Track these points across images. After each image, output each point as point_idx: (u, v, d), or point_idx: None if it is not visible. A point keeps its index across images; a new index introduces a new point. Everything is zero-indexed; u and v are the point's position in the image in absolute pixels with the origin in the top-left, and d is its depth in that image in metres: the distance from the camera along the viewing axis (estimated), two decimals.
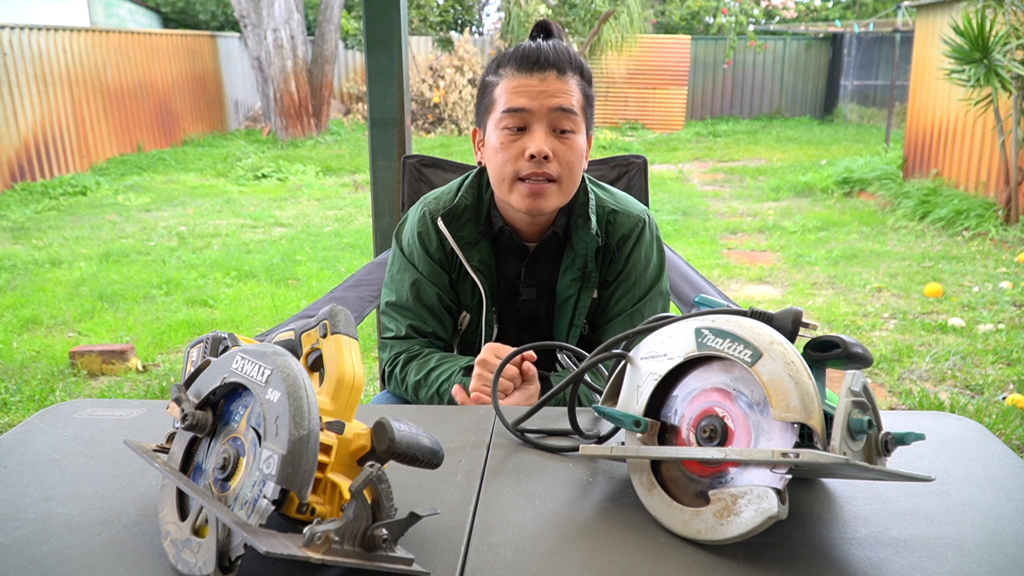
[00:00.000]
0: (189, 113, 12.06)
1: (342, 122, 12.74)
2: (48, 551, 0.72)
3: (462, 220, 1.33)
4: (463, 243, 1.33)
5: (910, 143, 7.66)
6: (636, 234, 1.34)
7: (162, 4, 16.11)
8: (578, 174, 1.27)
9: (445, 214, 1.32)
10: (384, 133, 2.11)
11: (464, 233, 1.33)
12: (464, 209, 1.33)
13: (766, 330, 0.75)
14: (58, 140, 8.69)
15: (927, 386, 3.24)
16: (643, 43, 12.96)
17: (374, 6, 2.03)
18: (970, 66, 5.49)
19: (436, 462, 0.72)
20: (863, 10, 16.15)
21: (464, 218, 1.33)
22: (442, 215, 1.32)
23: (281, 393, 0.65)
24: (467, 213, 1.33)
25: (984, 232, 5.73)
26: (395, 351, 1.36)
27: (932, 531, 0.75)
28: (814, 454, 0.66)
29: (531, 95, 1.22)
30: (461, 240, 1.33)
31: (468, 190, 1.34)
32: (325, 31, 11.39)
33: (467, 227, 1.33)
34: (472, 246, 1.33)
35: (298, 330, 0.79)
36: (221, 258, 5.42)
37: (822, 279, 4.91)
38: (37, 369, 3.49)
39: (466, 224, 1.33)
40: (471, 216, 1.34)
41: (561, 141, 1.23)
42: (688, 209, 7.14)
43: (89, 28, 9.97)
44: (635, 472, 0.80)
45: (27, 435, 0.99)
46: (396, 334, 1.37)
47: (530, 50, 1.24)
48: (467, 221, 1.33)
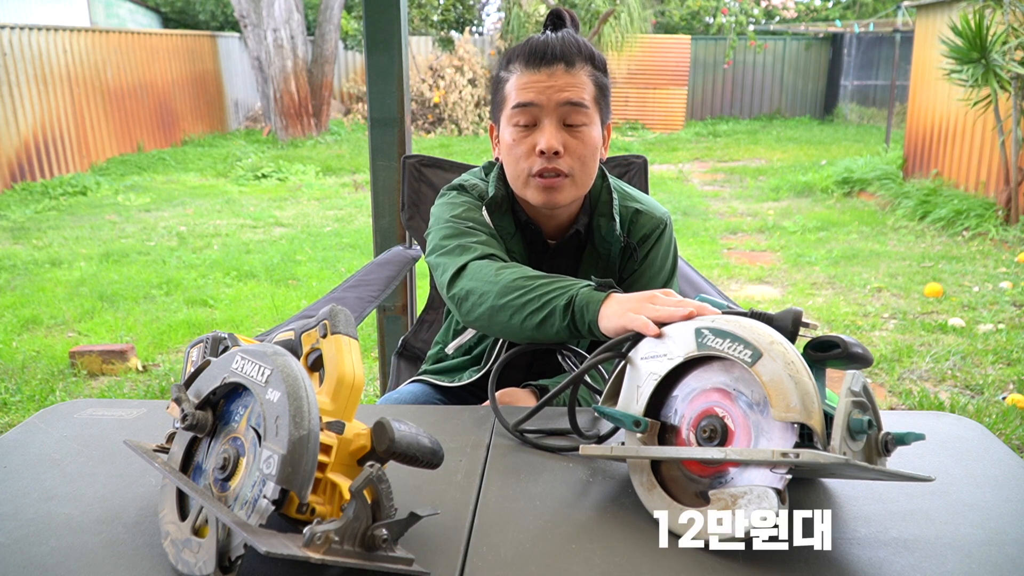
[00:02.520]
0: (189, 113, 12.06)
1: (342, 122, 12.74)
2: (48, 551, 0.72)
3: (501, 210, 1.32)
4: (504, 233, 1.31)
5: (910, 143, 7.66)
6: (657, 235, 1.34)
7: (162, 4, 16.11)
8: (592, 167, 1.27)
9: (488, 204, 1.31)
10: (384, 133, 2.11)
11: (503, 223, 1.31)
12: (501, 199, 1.32)
13: (766, 330, 0.75)
14: (58, 140, 8.69)
15: (927, 386, 3.24)
16: (643, 43, 12.96)
17: (374, 6, 2.03)
18: (969, 66, 5.49)
19: (436, 462, 0.72)
20: (863, 10, 16.15)
21: (503, 208, 1.32)
22: (486, 205, 1.31)
23: (281, 393, 0.65)
24: (504, 204, 1.32)
25: (984, 232, 5.73)
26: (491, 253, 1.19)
27: (932, 531, 0.75)
28: (814, 454, 0.66)
29: (539, 90, 1.21)
30: (501, 230, 1.31)
31: (498, 182, 1.33)
32: (325, 31, 11.39)
33: (505, 218, 1.32)
34: (511, 237, 1.32)
35: (298, 330, 0.79)
36: (221, 258, 5.42)
37: (822, 279, 4.91)
38: (37, 369, 3.49)
39: (504, 215, 1.32)
40: (507, 208, 1.33)
41: (572, 135, 1.23)
42: (688, 209, 7.14)
43: (89, 28, 9.97)
44: (635, 472, 0.80)
45: (27, 435, 0.99)
46: (474, 255, 1.17)
47: (537, 44, 1.23)
48: (505, 212, 1.32)
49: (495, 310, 1.09)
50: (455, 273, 1.17)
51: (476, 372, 1.40)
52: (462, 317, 1.16)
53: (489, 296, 1.10)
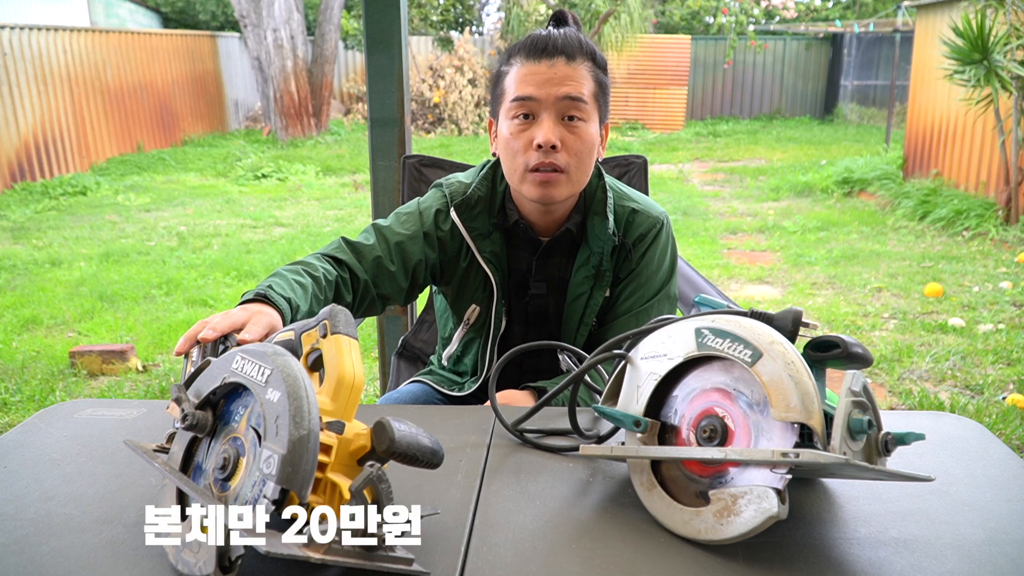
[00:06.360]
0: (189, 113, 12.06)
1: (342, 122, 12.74)
2: (48, 551, 0.72)
3: (475, 211, 1.32)
4: (475, 234, 1.32)
5: (910, 143, 7.66)
6: (653, 234, 1.34)
7: (162, 4, 16.11)
8: (588, 164, 1.27)
9: (458, 204, 1.32)
10: (384, 133, 2.11)
11: (476, 224, 1.32)
12: (477, 200, 1.33)
13: (766, 330, 0.75)
14: (58, 140, 8.69)
15: (927, 386, 3.24)
16: (643, 43, 12.97)
17: (374, 6, 2.03)
18: (970, 66, 5.49)
19: (436, 462, 0.72)
20: (863, 10, 16.15)
21: (477, 209, 1.33)
22: (455, 205, 1.32)
23: (281, 393, 0.65)
24: (480, 204, 1.33)
25: (984, 232, 5.73)
26: (339, 252, 1.29)
27: (932, 531, 0.75)
28: (814, 454, 0.66)
29: (539, 83, 1.21)
30: (473, 231, 1.32)
31: (482, 181, 1.34)
32: (325, 31, 11.40)
33: (480, 218, 1.33)
34: (484, 237, 1.32)
35: (298, 330, 0.79)
36: (221, 258, 5.42)
37: (822, 279, 4.91)
38: (37, 369, 3.49)
39: (479, 215, 1.33)
40: (484, 207, 1.33)
41: (570, 130, 1.22)
42: (688, 209, 7.14)
43: (89, 28, 9.96)
44: (635, 472, 0.80)
45: (27, 435, 0.99)
46: (357, 250, 1.29)
47: (539, 38, 1.24)
48: (480, 212, 1.33)
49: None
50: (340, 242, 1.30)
51: (475, 383, 1.40)
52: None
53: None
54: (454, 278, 1.36)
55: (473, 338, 1.41)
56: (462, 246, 1.34)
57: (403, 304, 1.37)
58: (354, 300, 1.27)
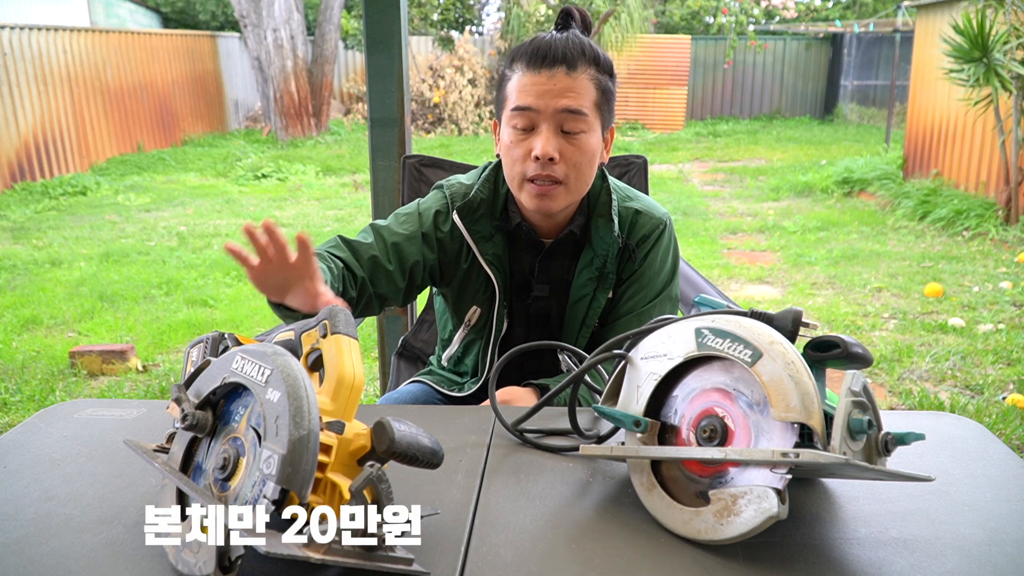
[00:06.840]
0: (189, 113, 12.06)
1: (342, 122, 12.74)
2: (48, 551, 0.72)
3: (477, 213, 1.32)
4: (477, 236, 1.32)
5: (910, 143, 7.66)
6: (656, 236, 1.33)
7: (162, 4, 16.11)
8: (587, 174, 1.26)
9: (461, 207, 1.32)
10: (384, 133, 2.11)
11: (479, 227, 1.32)
12: (480, 203, 1.32)
13: (766, 330, 0.75)
14: (58, 140, 8.69)
15: (927, 386, 3.24)
16: (643, 43, 12.96)
17: (374, 6, 2.03)
18: (970, 66, 5.49)
19: (436, 462, 0.72)
20: (863, 10, 16.15)
21: (479, 211, 1.32)
22: (458, 208, 1.32)
23: (281, 393, 0.65)
24: (482, 207, 1.33)
25: (984, 232, 5.73)
26: (337, 250, 1.29)
27: (932, 531, 0.75)
28: (814, 454, 0.66)
29: (538, 94, 1.20)
30: (475, 234, 1.32)
31: (485, 184, 1.34)
32: (325, 31, 11.40)
33: (482, 220, 1.32)
34: (487, 240, 1.32)
35: (298, 330, 0.79)
36: (221, 258, 5.41)
37: (822, 279, 4.91)
38: (37, 369, 3.49)
39: (481, 218, 1.32)
40: (486, 210, 1.33)
41: (569, 142, 1.22)
42: (688, 209, 7.13)
43: (89, 28, 9.96)
44: (635, 472, 0.80)
45: (27, 435, 0.99)
46: (354, 248, 1.29)
47: (541, 45, 1.22)
48: (482, 215, 1.32)
49: None
50: (334, 243, 1.31)
51: (476, 383, 1.40)
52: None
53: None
54: (455, 280, 1.36)
55: (474, 339, 1.40)
56: (462, 247, 1.33)
57: (401, 305, 1.37)
58: (355, 297, 1.27)
